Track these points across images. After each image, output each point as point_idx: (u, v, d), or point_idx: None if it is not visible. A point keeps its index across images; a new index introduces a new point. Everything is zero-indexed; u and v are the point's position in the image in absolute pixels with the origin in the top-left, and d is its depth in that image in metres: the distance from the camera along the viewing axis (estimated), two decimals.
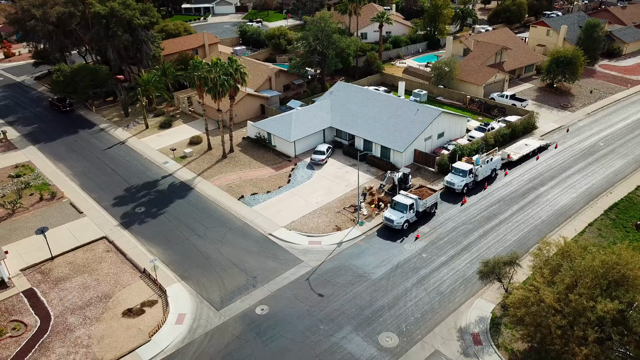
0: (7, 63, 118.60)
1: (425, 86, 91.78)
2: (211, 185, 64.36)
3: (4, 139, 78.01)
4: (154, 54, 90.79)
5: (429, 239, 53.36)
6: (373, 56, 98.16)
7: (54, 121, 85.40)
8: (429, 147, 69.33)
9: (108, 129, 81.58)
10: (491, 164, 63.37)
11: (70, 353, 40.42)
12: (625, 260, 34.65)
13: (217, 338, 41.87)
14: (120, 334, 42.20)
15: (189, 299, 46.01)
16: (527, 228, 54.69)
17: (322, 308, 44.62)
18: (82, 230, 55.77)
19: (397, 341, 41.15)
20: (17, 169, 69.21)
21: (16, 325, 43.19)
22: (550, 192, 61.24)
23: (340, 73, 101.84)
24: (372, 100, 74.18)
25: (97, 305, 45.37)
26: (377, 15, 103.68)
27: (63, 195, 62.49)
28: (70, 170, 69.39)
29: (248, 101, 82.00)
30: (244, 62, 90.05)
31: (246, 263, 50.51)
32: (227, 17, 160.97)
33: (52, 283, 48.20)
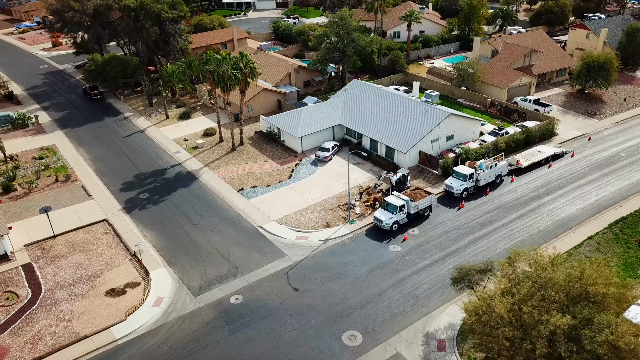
0: (54, 52, 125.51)
1: (446, 88, 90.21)
2: (215, 176, 66.17)
3: (35, 123, 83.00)
4: (180, 47, 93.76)
5: (416, 242, 52.85)
6: (397, 55, 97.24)
7: (84, 108, 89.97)
8: (436, 149, 68.32)
9: (131, 118, 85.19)
10: (495, 169, 61.79)
11: (52, 325, 43.01)
12: (588, 275, 33.32)
13: (188, 323, 43.37)
14: (99, 311, 44.47)
15: (170, 284, 47.80)
16: (521, 237, 53.12)
17: (294, 302, 45.27)
18: (87, 212, 58.82)
19: (360, 340, 41.25)
20: (41, 151, 73.60)
21: (9, 295, 46.35)
22: (555, 201, 59.08)
23: (364, 71, 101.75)
24: (383, 99, 73.78)
25: (85, 283, 47.95)
26: (406, 14, 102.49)
27: (76, 178, 66.02)
28: (88, 155, 73.10)
29: (265, 96, 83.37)
30: (267, 58, 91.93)
31: (232, 253, 51.83)
32: (267, 13, 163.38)
33: (49, 259, 51.29)
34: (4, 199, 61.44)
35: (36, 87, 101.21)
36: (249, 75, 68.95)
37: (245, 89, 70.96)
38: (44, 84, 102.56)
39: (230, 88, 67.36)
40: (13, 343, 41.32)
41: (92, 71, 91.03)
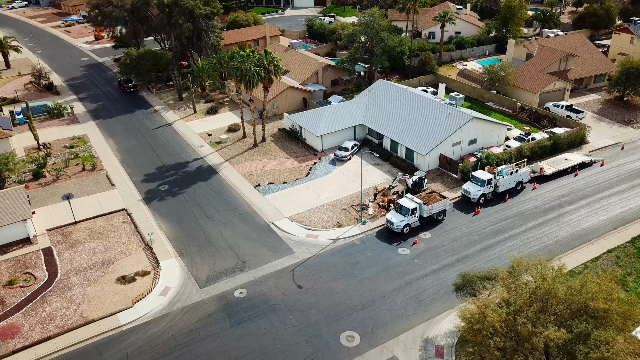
0: (96, 45, 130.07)
1: (476, 90, 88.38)
2: (235, 171, 67.15)
3: (70, 113, 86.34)
4: (212, 43, 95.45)
5: (426, 246, 52.14)
6: (428, 56, 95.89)
7: (118, 100, 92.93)
8: (457, 153, 67.10)
9: (161, 111, 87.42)
10: (516, 175, 60.15)
11: (63, 308, 44.79)
12: (588, 289, 32.12)
13: (191, 313, 44.30)
14: (109, 297, 45.98)
15: (179, 274, 48.92)
16: (536, 247, 51.58)
17: (296, 299, 45.53)
18: (108, 201, 60.85)
19: (358, 341, 41.11)
20: (72, 140, 76.52)
21: (27, 277, 48.54)
22: (577, 211, 57.04)
23: (395, 71, 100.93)
24: (406, 100, 73.00)
25: (98, 269, 49.67)
26: (439, 15, 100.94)
27: (102, 168, 68.36)
28: (116, 145, 75.52)
29: (290, 93, 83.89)
30: (295, 55, 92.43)
31: (241, 248, 52.55)
32: (304, 11, 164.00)
33: (68, 244, 53.38)
34: (34, 185, 64.30)
35: (75, 78, 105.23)
36: (273, 73, 69.53)
37: (269, 86, 71.62)
38: (83, 76, 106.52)
39: (253, 85, 68.12)
40: (25, 322, 43.28)
41: (127, 64, 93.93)
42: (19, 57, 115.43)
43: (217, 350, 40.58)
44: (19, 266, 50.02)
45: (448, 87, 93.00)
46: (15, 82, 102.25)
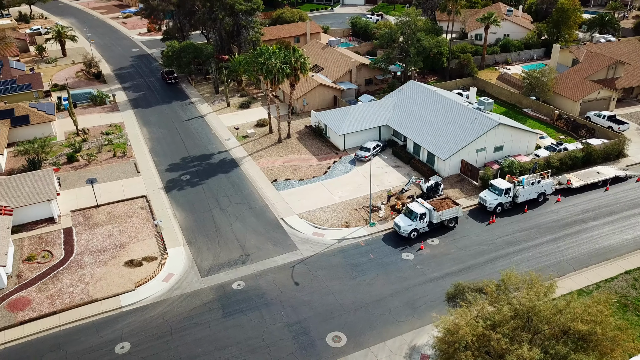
0: (147, 37, 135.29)
1: (514, 96, 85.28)
2: (255, 165, 68.27)
3: (112, 101, 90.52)
4: (251, 38, 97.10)
5: (432, 252, 51.11)
6: (467, 58, 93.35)
7: (158, 91, 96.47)
8: (481, 159, 65.16)
9: (196, 103, 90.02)
10: (538, 186, 57.71)
11: (72, 286, 47.32)
12: (570, 310, 30.59)
13: (188, 301, 45.64)
14: (115, 279, 48.12)
15: (184, 262, 50.46)
16: (547, 262, 49.40)
17: (291, 296, 45.91)
18: (131, 187, 63.48)
19: (344, 343, 40.99)
20: (110, 127, 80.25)
21: (45, 254, 51.57)
22: (601, 228, 54.09)
23: (434, 73, 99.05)
24: (434, 103, 71.54)
25: (110, 251, 52.02)
26: (483, 16, 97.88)
27: (132, 155, 71.32)
28: (149, 134, 78.54)
29: (321, 91, 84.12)
30: (331, 53, 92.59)
31: (248, 241, 53.49)
32: (354, 9, 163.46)
33: (87, 226, 56.21)
34: (67, 167, 68.03)
35: (123, 68, 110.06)
36: (299, 70, 70.01)
37: (296, 83, 72.22)
38: (130, 66, 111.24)
39: (279, 81, 68.90)
40: (36, 296, 46.07)
41: (169, 56, 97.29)
42: (75, 46, 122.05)
43: (206, 338, 41.64)
44: (40, 243, 53.23)
45: (486, 92, 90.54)
46: (69, 70, 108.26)
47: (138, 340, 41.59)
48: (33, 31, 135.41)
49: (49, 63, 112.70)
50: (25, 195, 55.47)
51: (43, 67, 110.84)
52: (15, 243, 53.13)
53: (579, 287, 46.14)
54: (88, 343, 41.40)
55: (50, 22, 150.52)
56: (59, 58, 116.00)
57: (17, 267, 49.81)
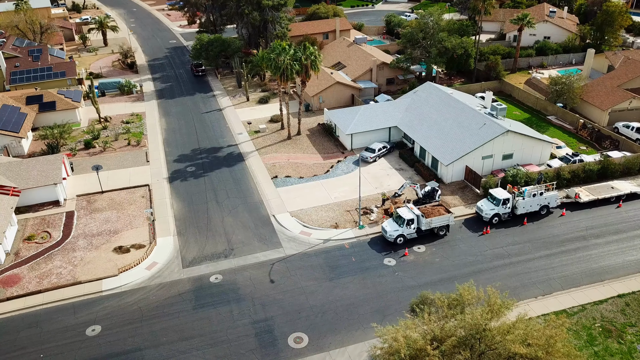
0: (187, 29, 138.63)
1: (540, 102, 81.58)
2: (260, 161, 68.90)
3: (139, 91, 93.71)
4: (277, 34, 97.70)
5: (415, 260, 49.97)
6: (495, 61, 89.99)
7: (185, 83, 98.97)
8: (488, 167, 62.93)
9: (218, 96, 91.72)
10: (540, 198, 55.11)
11: (61, 267, 49.62)
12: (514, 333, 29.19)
13: (164, 290, 46.84)
14: (101, 263, 50.04)
15: (169, 252, 51.77)
16: (535, 278, 47.18)
17: (264, 293, 46.19)
18: (138, 176, 65.62)
19: (304, 344, 40.89)
20: (131, 116, 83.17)
21: (44, 235, 54.31)
22: (602, 247, 51.08)
23: (462, 75, 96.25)
24: (446, 106, 69.61)
25: (104, 236, 54.12)
26: (517, 17, 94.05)
27: (145, 145, 73.69)
28: (166, 125, 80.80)
29: (338, 89, 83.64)
30: (355, 51, 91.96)
31: (235, 235, 54.19)
32: (395, 6, 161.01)
33: (89, 211, 58.69)
34: (82, 153, 71.17)
35: (157, 59, 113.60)
36: (310, 67, 69.89)
37: (306, 80, 72.18)
38: (164, 57, 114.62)
39: (288, 78, 69.09)
40: (27, 275, 48.65)
41: (197, 49, 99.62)
42: (117, 36, 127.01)
43: (172, 328, 42.64)
44: (42, 224, 56.09)
45: (513, 97, 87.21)
46: (106, 59, 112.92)
47: (109, 324, 43.14)
48: (82, 21, 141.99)
49: (90, 52, 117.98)
50: (34, 178, 58.54)
51: (84, 55, 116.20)
52: (20, 223, 56.23)
53: (563, 307, 43.90)
54: (63, 323, 43.35)
55: (101, 12, 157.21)
56: (100, 47, 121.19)
57: (16, 245, 52.76)
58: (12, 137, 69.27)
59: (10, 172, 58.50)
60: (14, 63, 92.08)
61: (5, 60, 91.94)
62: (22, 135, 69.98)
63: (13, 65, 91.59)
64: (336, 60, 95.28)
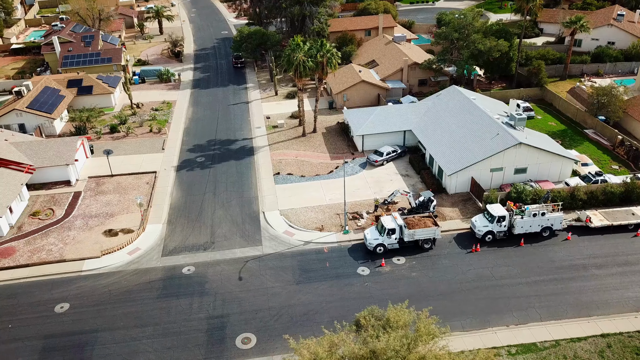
0: (242, 20, 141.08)
1: (580, 114, 75.20)
2: (268, 156, 69.02)
3: (177, 80, 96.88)
4: (314, 29, 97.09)
5: (391, 271, 47.98)
6: (538, 66, 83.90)
7: (223, 74, 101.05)
8: (497, 180, 59.07)
9: (250, 89, 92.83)
10: (542, 219, 50.91)
11: (53, 244, 52.54)
12: None
13: (137, 276, 48.27)
14: (88, 245, 52.41)
15: (154, 240, 53.26)
16: (513, 305, 43.69)
17: (228, 290, 46.31)
18: (149, 162, 67.97)
19: (251, 346, 40.59)
20: (162, 104, 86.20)
21: (48, 212, 57.75)
22: (602, 279, 46.38)
23: (505, 79, 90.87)
24: (465, 112, 66.02)
25: (100, 219, 56.63)
26: (569, 20, 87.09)
27: (165, 132, 76.14)
28: (192, 115, 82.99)
29: (363, 88, 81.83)
30: (390, 50, 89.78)
31: (220, 229, 54.75)
32: (457, 3, 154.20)
33: (95, 192, 61.63)
34: (107, 137, 74.77)
35: (205, 49, 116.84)
36: (325, 65, 68.83)
37: (323, 77, 71.25)
38: (212, 48, 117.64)
39: (301, 75, 68.51)
40: (21, 248, 51.99)
41: (237, 41, 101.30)
42: (173, 25, 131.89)
43: (132, 314, 43.87)
44: (49, 202, 59.68)
45: (553, 106, 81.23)
46: (157, 47, 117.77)
47: (78, 304, 45.16)
48: (147, 9, 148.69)
49: (145, 40, 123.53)
50: (49, 157, 62.30)
51: (139, 43, 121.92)
52: (32, 199, 60.15)
53: (534, 340, 40.44)
54: (38, 297, 45.93)
55: (167, 1, 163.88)
56: (155, 35, 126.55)
57: (22, 219, 56.52)
58: (45, 118, 74.10)
59: (30, 151, 62.64)
60: (68, 48, 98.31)
61: (60, 44, 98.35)
62: (55, 116, 74.65)
63: (66, 50, 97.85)
64: (371, 58, 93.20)
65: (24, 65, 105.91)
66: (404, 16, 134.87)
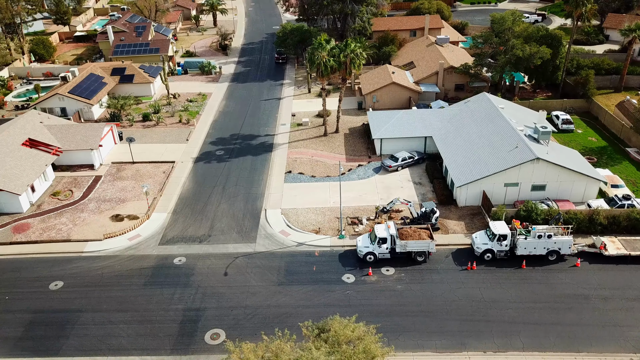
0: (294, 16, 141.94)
1: (625, 130, 69.33)
2: (285, 154, 69.08)
3: (217, 72, 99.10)
4: (355, 27, 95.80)
5: (376, 282, 46.63)
6: (586, 76, 78.03)
7: (263, 69, 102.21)
8: (512, 195, 55.78)
9: (285, 85, 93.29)
10: (548, 241, 47.48)
11: (64, 224, 55.50)
12: None
13: (131, 262, 49.97)
14: (95, 228, 54.87)
15: (155, 228, 54.89)
16: (497, 330, 41.14)
17: (210, 284, 46.89)
18: (170, 152, 70.04)
19: (218, 342, 40.89)
20: (197, 96, 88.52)
21: (68, 193, 61.03)
22: (604, 313, 42.60)
23: (551, 88, 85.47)
24: (489, 122, 62.80)
25: (111, 203, 59.12)
26: (628, 27, 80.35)
27: (193, 124, 78.16)
28: (223, 108, 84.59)
29: (394, 90, 79.83)
30: (429, 52, 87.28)
31: (219, 223, 55.51)
32: (523, 5, 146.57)
33: (114, 178, 64.40)
34: (138, 125, 77.86)
35: (252, 43, 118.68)
36: (349, 65, 67.77)
37: (347, 77, 70.30)
38: (259, 42, 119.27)
39: (323, 74, 67.88)
40: (36, 225, 55.34)
41: (279, 37, 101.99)
42: (227, 18, 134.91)
43: (116, 298, 45.49)
44: (71, 184, 63.06)
45: (599, 120, 75.51)
46: (208, 40, 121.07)
47: (71, 283, 47.46)
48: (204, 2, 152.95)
49: (198, 32, 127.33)
50: (76, 141, 65.76)
51: (192, 35, 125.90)
52: (56, 179, 63.81)
53: None
54: (38, 273, 48.73)
55: None
56: (209, 28, 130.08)
57: (43, 198, 60.14)
58: (84, 103, 78.31)
59: (60, 134, 66.46)
60: (120, 37, 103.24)
61: (114, 34, 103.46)
62: (93, 102, 78.67)
63: (119, 39, 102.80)
64: (410, 59, 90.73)
65: (83, 52, 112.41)
66: (462, 17, 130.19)
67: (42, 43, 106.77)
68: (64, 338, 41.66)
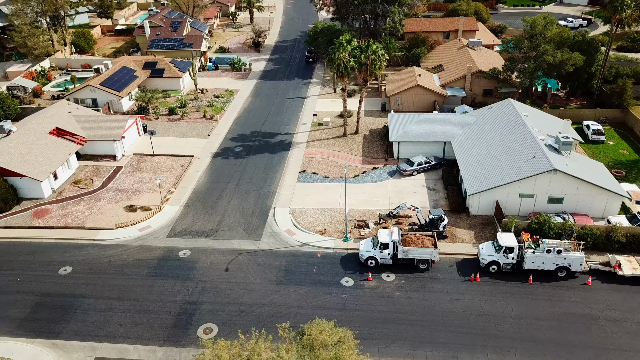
0: None
1: None
2: (302, 153, 69.11)
3: (247, 69, 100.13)
4: (386, 28, 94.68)
5: (375, 287, 46.04)
6: (623, 85, 74.29)
7: (293, 67, 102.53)
8: (527, 206, 53.91)
9: (312, 84, 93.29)
10: (557, 257, 45.59)
11: (81, 212, 57.47)
12: None
13: (138, 252, 51.23)
14: (109, 217, 56.54)
15: (166, 220, 56.04)
16: (490, 344, 39.85)
17: (210, 279, 47.51)
18: (191, 146, 71.33)
19: (210, 336, 41.32)
20: (224, 92, 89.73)
21: (88, 182, 63.15)
22: (612, 336, 40.59)
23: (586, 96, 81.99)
24: (510, 129, 60.88)
25: (128, 194, 60.77)
26: None
27: (217, 120, 79.29)
28: (248, 105, 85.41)
29: (419, 92, 78.44)
30: (459, 55, 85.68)
31: (228, 218, 56.16)
32: (570, 9, 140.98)
33: (134, 169, 66.15)
34: (164, 118, 79.64)
35: (285, 41, 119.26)
36: (370, 66, 67.08)
37: (368, 78, 69.62)
38: (292, 40, 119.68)
39: (343, 74, 67.48)
40: (54, 211, 57.54)
41: (311, 36, 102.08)
42: (263, 15, 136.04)
43: (119, 286, 46.76)
44: (93, 173, 65.22)
45: (634, 131, 71.97)
46: (242, 37, 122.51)
47: (79, 269, 49.12)
48: None
49: (234, 28, 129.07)
50: (101, 132, 67.96)
51: (228, 31, 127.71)
52: (80, 168, 66.13)
53: None
54: (50, 257, 50.69)
55: None
56: (245, 25, 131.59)
57: (64, 186, 62.46)
58: (114, 96, 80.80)
59: (86, 124, 68.82)
60: (156, 32, 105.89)
61: (151, 28, 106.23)
62: (122, 95, 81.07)
63: (155, 34, 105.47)
64: (439, 62, 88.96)
65: (122, 45, 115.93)
66: (502, 19, 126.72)
67: (84, 35, 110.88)
68: (65, 322, 43.16)
